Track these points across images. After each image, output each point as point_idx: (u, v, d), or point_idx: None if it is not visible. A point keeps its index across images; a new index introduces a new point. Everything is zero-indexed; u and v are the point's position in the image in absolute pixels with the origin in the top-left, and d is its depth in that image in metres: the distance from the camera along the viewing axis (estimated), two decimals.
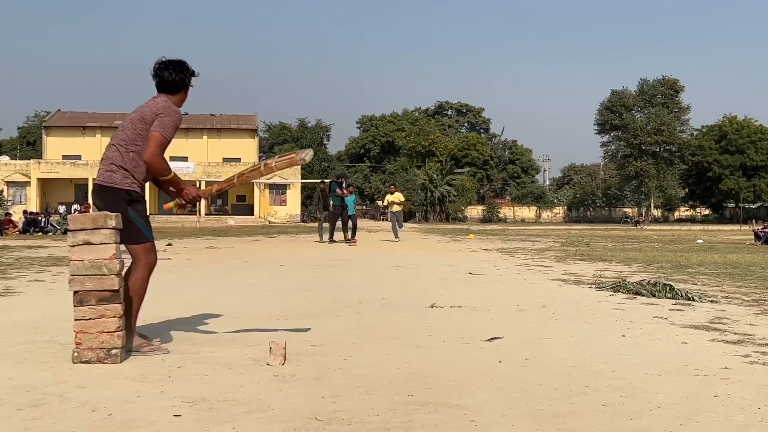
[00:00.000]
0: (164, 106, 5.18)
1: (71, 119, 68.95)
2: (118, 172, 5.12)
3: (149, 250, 5.22)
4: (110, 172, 5.13)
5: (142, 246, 5.19)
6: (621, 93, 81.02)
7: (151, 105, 5.20)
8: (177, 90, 5.35)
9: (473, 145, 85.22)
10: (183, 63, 5.39)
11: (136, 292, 5.16)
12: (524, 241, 25.75)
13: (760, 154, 75.17)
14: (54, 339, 5.56)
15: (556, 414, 3.64)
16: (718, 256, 16.93)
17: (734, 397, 3.97)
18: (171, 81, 5.30)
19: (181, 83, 5.35)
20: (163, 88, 5.32)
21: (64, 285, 6.12)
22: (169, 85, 5.31)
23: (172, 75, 5.30)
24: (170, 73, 5.30)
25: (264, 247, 20.82)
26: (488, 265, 13.79)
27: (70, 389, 4.04)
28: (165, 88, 5.32)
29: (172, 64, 5.33)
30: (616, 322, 6.72)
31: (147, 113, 5.14)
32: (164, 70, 5.30)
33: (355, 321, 6.68)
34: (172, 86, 5.32)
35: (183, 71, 5.35)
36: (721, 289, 9.57)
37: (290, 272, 12.04)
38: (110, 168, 5.14)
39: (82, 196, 61.02)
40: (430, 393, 4.01)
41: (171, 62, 5.34)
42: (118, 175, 5.12)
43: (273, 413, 3.61)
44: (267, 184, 64.77)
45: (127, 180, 5.13)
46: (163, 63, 5.33)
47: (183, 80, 5.36)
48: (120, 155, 5.13)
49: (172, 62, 5.35)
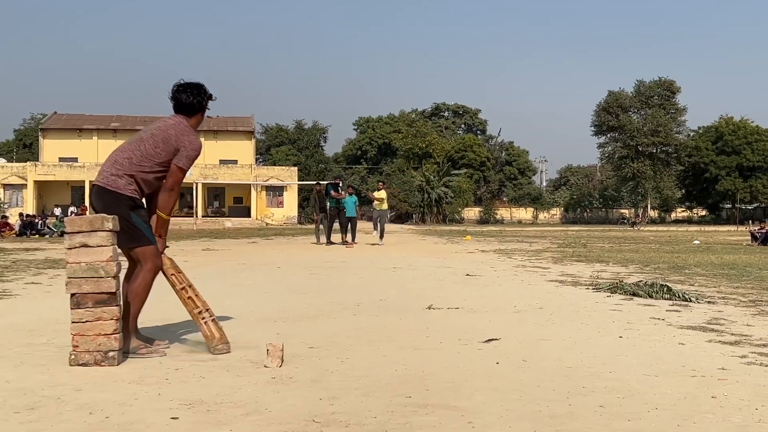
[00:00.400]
0: (191, 140, 5.26)
1: (68, 121, 68.84)
2: (123, 178, 5.14)
3: (155, 254, 5.22)
4: (115, 176, 5.14)
5: (148, 249, 5.19)
6: (618, 94, 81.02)
7: (176, 127, 5.26)
8: (194, 112, 5.42)
9: (470, 146, 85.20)
10: (201, 86, 5.46)
11: (139, 295, 5.17)
12: (521, 243, 25.76)
13: (757, 154, 75.23)
14: (51, 341, 5.56)
15: (554, 415, 3.64)
16: (714, 257, 16.95)
17: (731, 398, 3.97)
18: (188, 104, 5.37)
19: (198, 106, 5.42)
20: (180, 110, 5.39)
21: (60, 287, 6.11)
22: (186, 108, 5.38)
23: (189, 98, 5.37)
24: (188, 96, 5.37)
25: (261, 249, 20.80)
26: (485, 267, 13.79)
27: (67, 392, 4.04)
28: (182, 110, 5.39)
29: (190, 87, 5.40)
30: (613, 323, 6.73)
31: (172, 136, 5.21)
32: (182, 92, 5.37)
33: (352, 323, 6.68)
34: (189, 108, 5.38)
35: (200, 94, 5.42)
36: (718, 290, 9.58)
37: (287, 274, 12.04)
38: (116, 172, 5.15)
39: (78, 199, 61.01)
40: (427, 395, 4.01)
41: (189, 85, 5.41)
42: (123, 180, 5.14)
43: (270, 415, 3.61)
44: (264, 187, 64.78)
45: (130, 187, 5.15)
46: (181, 86, 5.40)
47: (200, 103, 5.42)
48: (131, 164, 5.16)
49: (190, 85, 5.41)
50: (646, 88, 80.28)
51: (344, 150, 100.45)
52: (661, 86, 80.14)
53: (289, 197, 66.00)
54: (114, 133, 67.34)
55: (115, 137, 67.21)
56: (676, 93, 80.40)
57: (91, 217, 4.79)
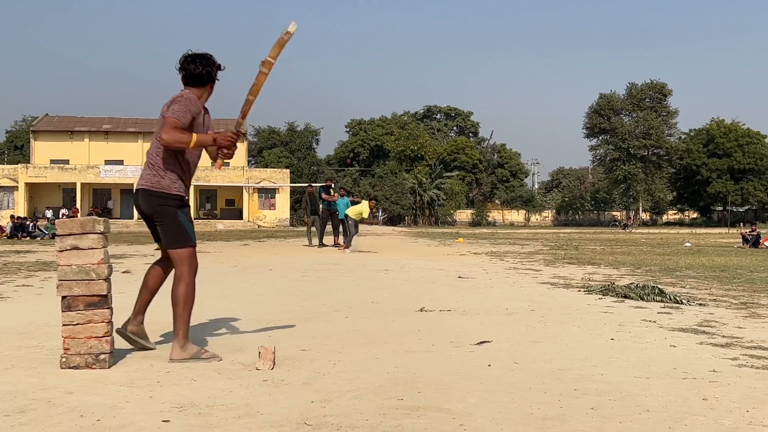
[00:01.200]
0: (177, 96, 5.15)
1: (59, 123, 68.65)
2: (166, 178, 5.10)
3: (194, 255, 5.19)
4: (158, 177, 5.10)
5: (188, 250, 5.14)
6: (609, 97, 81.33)
7: (173, 97, 5.17)
8: (203, 83, 5.30)
9: (462, 148, 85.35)
10: (209, 56, 5.33)
11: (188, 300, 5.10)
12: (513, 245, 25.79)
13: (747, 157, 75.58)
14: (41, 344, 5.54)
15: (546, 417, 3.64)
16: (706, 260, 17.02)
17: (723, 400, 3.98)
18: (197, 74, 5.25)
19: (208, 77, 5.30)
20: (189, 81, 5.27)
21: (51, 290, 6.08)
22: (194, 78, 5.26)
23: (198, 68, 5.24)
24: (196, 66, 5.24)
25: (253, 252, 20.77)
26: (477, 269, 13.80)
27: (58, 395, 4.02)
28: (191, 82, 5.27)
29: (198, 57, 5.28)
30: (604, 325, 6.74)
31: (164, 108, 5.11)
32: (190, 63, 5.24)
33: (344, 325, 6.68)
34: (197, 79, 5.26)
35: (209, 64, 5.30)
36: (710, 293, 9.61)
37: (279, 276, 12.03)
38: (156, 172, 5.11)
39: (69, 201, 60.87)
40: (419, 397, 4.01)
41: (197, 55, 5.29)
42: (166, 180, 5.10)
43: (262, 418, 3.60)
44: (256, 189, 64.69)
45: (175, 185, 5.12)
46: (189, 56, 5.27)
47: (210, 73, 5.30)
48: (161, 160, 5.10)
49: (198, 55, 5.29)
50: (638, 90, 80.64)
51: (336, 152, 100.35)
52: (653, 89, 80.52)
53: (281, 199, 65.92)
54: (105, 135, 67.23)
55: (106, 139, 67.12)
56: (667, 96, 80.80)
57: (82, 219, 4.77)
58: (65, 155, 65.44)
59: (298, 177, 73.12)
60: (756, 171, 76.53)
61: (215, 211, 66.78)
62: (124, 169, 61.24)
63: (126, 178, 60.32)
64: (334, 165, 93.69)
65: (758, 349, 5.54)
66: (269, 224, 62.06)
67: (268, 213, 64.66)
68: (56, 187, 62.78)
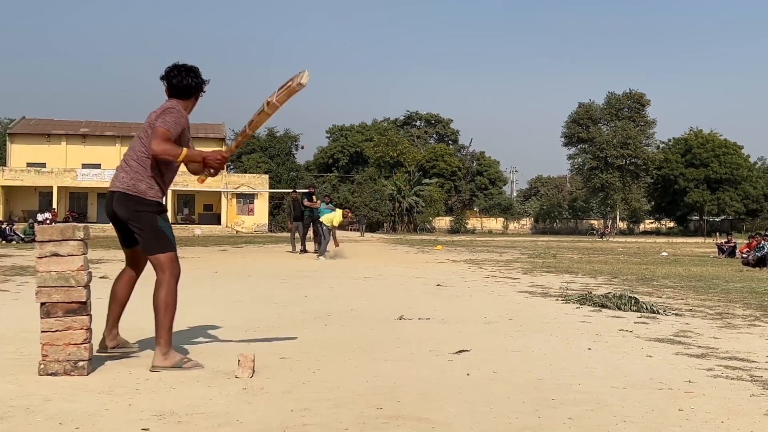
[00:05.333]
0: (166, 106, 5.15)
1: (36, 126, 68.12)
2: (143, 182, 5.08)
3: (175, 260, 5.16)
4: (135, 181, 5.06)
5: (169, 255, 5.12)
6: (588, 106, 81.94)
7: (160, 108, 5.16)
8: (188, 96, 5.30)
9: (441, 156, 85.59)
10: (194, 69, 5.34)
11: (170, 306, 5.08)
12: (491, 253, 25.88)
13: (724, 167, 76.39)
14: (19, 350, 5.50)
15: (524, 427, 3.67)
16: (682, 269, 17.18)
17: (698, 411, 4.03)
18: (183, 86, 5.25)
19: (194, 89, 5.31)
20: (176, 93, 5.27)
21: (28, 295, 6.04)
22: (179, 91, 5.26)
23: (182, 80, 5.24)
24: (181, 78, 5.24)
25: (231, 257, 20.70)
26: (456, 277, 13.85)
27: (37, 402, 4.00)
28: (177, 93, 5.27)
29: (184, 69, 5.28)
30: (582, 335, 6.80)
31: (152, 117, 5.10)
32: (175, 75, 5.25)
33: (323, 333, 6.68)
34: (182, 91, 5.27)
35: (197, 77, 5.31)
36: (686, 302, 9.71)
37: (258, 283, 12.00)
38: (134, 176, 5.07)
39: (46, 204, 60.32)
40: (398, 406, 4.02)
41: (183, 67, 5.30)
42: (143, 185, 5.07)
43: (242, 427, 3.60)
44: (234, 194, 64.49)
45: (152, 191, 5.09)
46: (174, 68, 5.28)
47: (197, 85, 5.32)
48: (140, 165, 5.08)
49: (184, 67, 5.30)
50: (617, 100, 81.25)
51: (316, 158, 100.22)
52: (631, 98, 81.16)
53: (260, 205, 65.73)
54: (83, 139, 66.76)
55: (84, 143, 66.64)
56: (645, 105, 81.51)
57: (62, 225, 4.76)
58: (42, 158, 64.92)
59: (277, 183, 72.99)
60: (732, 181, 77.36)
61: (193, 216, 66.46)
62: (102, 173, 60.75)
63: (103, 182, 59.79)
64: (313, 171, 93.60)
65: (733, 360, 5.61)
66: (248, 230, 61.82)
67: (247, 218, 64.43)
68: (33, 190, 62.24)
